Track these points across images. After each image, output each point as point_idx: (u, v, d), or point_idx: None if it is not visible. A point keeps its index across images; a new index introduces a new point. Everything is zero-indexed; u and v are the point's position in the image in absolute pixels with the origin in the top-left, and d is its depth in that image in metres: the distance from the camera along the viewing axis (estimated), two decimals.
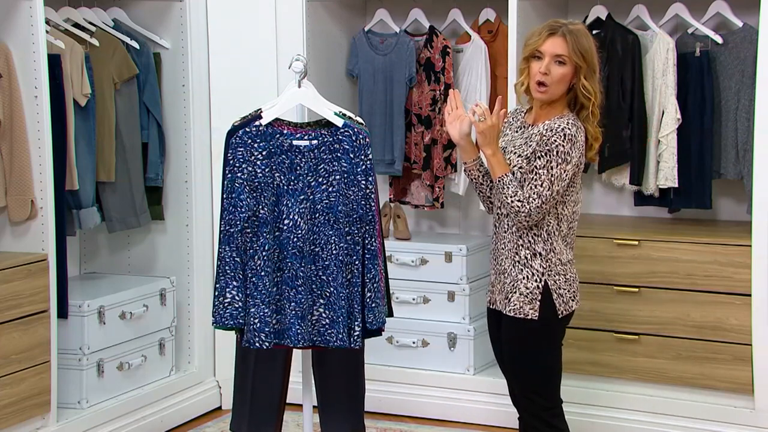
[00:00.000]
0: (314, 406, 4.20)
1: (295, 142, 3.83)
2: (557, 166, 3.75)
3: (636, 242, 4.94)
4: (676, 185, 5.02)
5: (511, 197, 3.78)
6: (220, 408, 5.49)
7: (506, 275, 3.89)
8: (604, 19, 5.12)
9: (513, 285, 3.86)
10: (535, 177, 3.76)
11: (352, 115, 3.98)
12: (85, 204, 5.00)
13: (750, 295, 4.73)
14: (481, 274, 5.31)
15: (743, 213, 5.01)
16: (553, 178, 3.75)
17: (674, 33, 5.13)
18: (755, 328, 4.73)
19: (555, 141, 3.75)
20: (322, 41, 5.48)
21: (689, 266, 4.85)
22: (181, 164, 5.38)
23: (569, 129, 3.76)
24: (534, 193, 3.76)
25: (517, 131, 3.95)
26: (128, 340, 5.12)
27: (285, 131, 3.83)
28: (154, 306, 5.23)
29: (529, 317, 3.84)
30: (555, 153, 3.75)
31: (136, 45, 5.20)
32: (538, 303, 3.83)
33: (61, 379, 4.77)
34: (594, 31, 5.12)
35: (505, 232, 3.89)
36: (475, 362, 5.30)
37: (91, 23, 5.08)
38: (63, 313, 4.73)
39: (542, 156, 3.76)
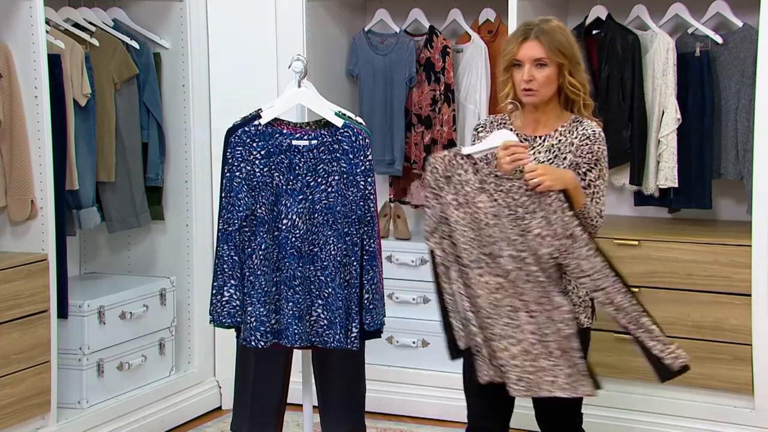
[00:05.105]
0: (314, 406, 4.20)
1: (294, 142, 3.82)
2: (606, 169, 3.68)
3: (636, 242, 4.94)
4: (676, 185, 5.02)
5: (594, 218, 3.63)
6: (220, 408, 5.49)
7: None
8: (604, 19, 5.12)
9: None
10: (596, 191, 3.64)
11: (352, 115, 3.97)
12: (85, 204, 5.00)
13: (750, 295, 4.73)
14: None
15: (743, 213, 5.01)
16: (606, 184, 3.69)
17: (674, 33, 5.13)
18: (755, 328, 4.73)
19: (599, 148, 3.64)
20: (322, 41, 5.48)
21: (689, 266, 4.85)
22: (181, 164, 5.38)
23: (599, 129, 3.67)
24: (602, 205, 3.66)
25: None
26: (128, 340, 5.12)
27: (284, 131, 3.83)
28: (154, 306, 5.23)
29: (585, 326, 3.75)
30: (603, 159, 3.66)
31: (136, 45, 5.20)
32: (590, 310, 3.77)
33: (61, 379, 4.76)
34: (594, 31, 5.13)
35: None
36: None
37: (91, 23, 5.08)
38: (63, 313, 4.73)
39: (593, 167, 3.64)
